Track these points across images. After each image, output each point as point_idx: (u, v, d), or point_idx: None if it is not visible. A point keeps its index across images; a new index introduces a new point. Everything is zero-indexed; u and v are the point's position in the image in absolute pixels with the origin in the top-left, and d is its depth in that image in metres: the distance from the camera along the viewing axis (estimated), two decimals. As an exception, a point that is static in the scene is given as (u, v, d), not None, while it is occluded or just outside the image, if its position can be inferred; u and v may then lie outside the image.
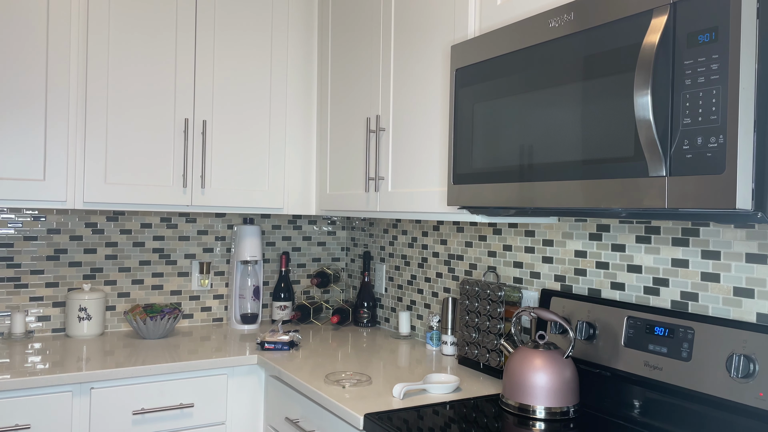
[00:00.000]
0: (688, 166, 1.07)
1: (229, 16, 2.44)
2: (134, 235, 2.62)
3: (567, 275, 1.86)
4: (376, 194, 2.15)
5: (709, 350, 1.39)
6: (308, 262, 3.01)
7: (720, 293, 1.46)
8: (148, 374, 2.02)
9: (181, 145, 2.34)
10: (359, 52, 2.29)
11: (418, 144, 1.96)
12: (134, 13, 2.27)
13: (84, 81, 2.19)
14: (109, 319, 2.56)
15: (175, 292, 2.69)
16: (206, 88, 2.39)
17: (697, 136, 1.06)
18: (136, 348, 2.25)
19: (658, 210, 1.15)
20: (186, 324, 2.72)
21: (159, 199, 2.31)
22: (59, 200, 2.16)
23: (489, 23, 1.66)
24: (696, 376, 1.40)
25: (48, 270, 2.46)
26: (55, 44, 2.14)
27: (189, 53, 2.36)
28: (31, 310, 2.43)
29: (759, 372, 1.29)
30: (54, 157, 2.14)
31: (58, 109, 2.15)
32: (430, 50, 1.91)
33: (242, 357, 2.18)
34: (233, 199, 2.44)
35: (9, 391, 1.84)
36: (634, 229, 1.67)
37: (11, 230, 2.40)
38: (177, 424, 2.07)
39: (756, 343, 1.30)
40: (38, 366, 1.97)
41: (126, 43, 2.26)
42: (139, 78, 2.28)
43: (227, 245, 2.80)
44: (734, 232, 1.44)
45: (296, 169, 2.59)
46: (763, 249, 1.38)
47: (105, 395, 1.97)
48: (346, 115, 2.38)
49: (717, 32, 1.04)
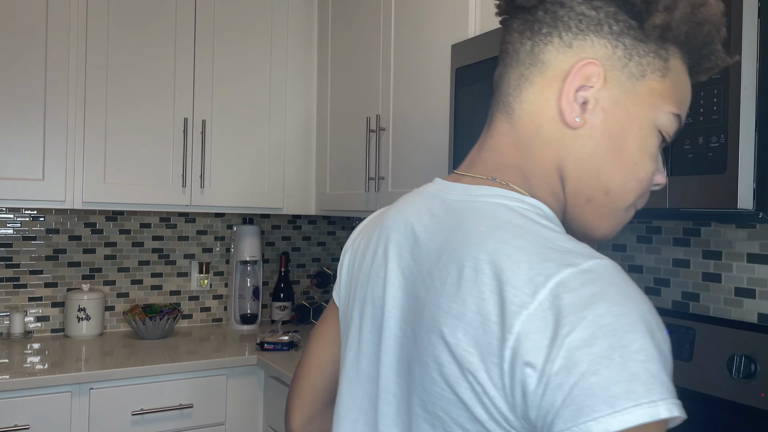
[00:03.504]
0: (689, 165, 1.07)
1: (228, 15, 2.44)
2: (133, 235, 2.61)
3: (567, 275, 1.85)
4: (376, 194, 2.14)
5: (710, 350, 1.38)
6: (308, 262, 3.00)
7: (721, 293, 1.46)
8: (147, 375, 2.01)
9: (180, 145, 2.34)
10: (359, 51, 2.29)
11: (418, 144, 1.95)
12: (133, 12, 2.26)
13: (83, 80, 2.18)
14: (108, 319, 2.56)
15: (174, 293, 2.69)
16: (206, 88, 2.39)
17: (698, 135, 1.05)
18: (136, 348, 2.24)
19: (659, 210, 1.14)
20: (185, 324, 2.71)
21: (158, 199, 2.30)
22: (58, 200, 2.15)
23: (489, 22, 1.66)
24: (697, 377, 1.39)
25: (47, 270, 2.45)
26: (54, 43, 2.13)
27: (188, 52, 2.35)
28: (30, 310, 2.42)
29: (760, 372, 1.28)
30: (53, 157, 2.14)
31: (57, 109, 2.14)
32: (431, 50, 1.90)
33: (242, 357, 2.17)
34: (233, 198, 2.44)
35: (8, 392, 1.84)
36: (635, 229, 1.66)
37: (10, 230, 2.40)
38: (176, 425, 2.07)
39: (757, 343, 1.30)
40: (37, 366, 1.97)
41: (125, 41, 2.25)
42: (138, 77, 2.27)
43: (227, 245, 2.80)
44: (735, 232, 1.43)
45: (296, 168, 2.59)
46: (764, 249, 1.38)
47: (104, 396, 1.96)
48: (346, 115, 2.37)
49: (718, 31, 1.03)
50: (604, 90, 0.63)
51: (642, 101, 0.63)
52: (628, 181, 0.64)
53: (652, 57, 0.63)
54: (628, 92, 0.63)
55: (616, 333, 0.50)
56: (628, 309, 0.52)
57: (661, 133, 0.65)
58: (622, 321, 0.51)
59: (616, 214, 0.66)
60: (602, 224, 0.67)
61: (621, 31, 0.63)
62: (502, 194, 0.64)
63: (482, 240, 0.59)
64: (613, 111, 0.63)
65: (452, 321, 0.58)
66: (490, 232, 0.60)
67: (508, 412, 0.54)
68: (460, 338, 0.57)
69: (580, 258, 0.55)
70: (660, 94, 0.63)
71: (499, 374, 0.54)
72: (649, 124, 0.64)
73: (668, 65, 0.64)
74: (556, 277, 0.54)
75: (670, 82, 0.64)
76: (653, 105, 0.63)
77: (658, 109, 0.63)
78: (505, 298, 0.55)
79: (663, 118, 0.64)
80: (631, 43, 0.63)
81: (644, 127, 0.63)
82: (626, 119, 0.63)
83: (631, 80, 0.63)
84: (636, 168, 0.64)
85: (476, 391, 0.55)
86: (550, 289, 0.54)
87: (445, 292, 0.60)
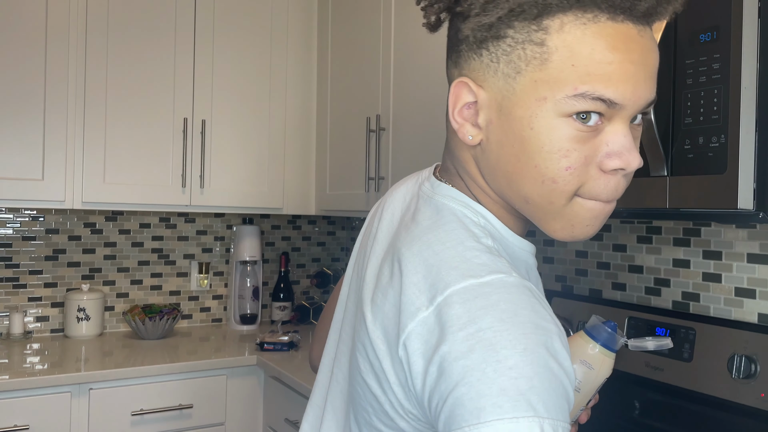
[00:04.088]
0: (689, 165, 1.07)
1: (228, 15, 2.43)
2: (133, 235, 2.61)
3: (568, 276, 1.85)
4: (377, 194, 2.14)
5: (710, 351, 1.38)
6: (308, 262, 3.00)
7: (721, 293, 1.46)
8: (147, 375, 2.01)
9: (180, 145, 2.34)
10: (359, 51, 2.28)
11: (418, 144, 1.95)
12: (133, 12, 2.26)
13: (83, 80, 2.18)
14: (108, 319, 2.56)
15: (174, 293, 2.69)
16: (205, 88, 2.39)
17: (698, 135, 1.05)
18: (135, 349, 2.24)
19: (659, 210, 1.14)
20: (185, 324, 2.71)
21: (158, 199, 2.30)
22: (58, 200, 2.15)
23: (489, 23, 1.66)
24: (697, 377, 1.39)
25: (46, 270, 2.45)
26: (54, 43, 2.13)
27: (188, 52, 2.35)
28: (30, 310, 2.42)
29: (760, 373, 1.28)
30: (52, 157, 2.14)
31: (57, 108, 2.14)
32: (431, 49, 1.90)
33: (241, 357, 2.17)
34: (232, 198, 2.44)
35: (8, 392, 1.84)
36: (635, 229, 1.66)
37: (9, 230, 2.39)
38: (176, 425, 2.07)
39: (757, 343, 1.30)
40: (37, 367, 1.97)
41: (125, 41, 2.25)
42: (137, 77, 2.27)
43: (226, 245, 2.80)
44: (736, 233, 1.43)
45: (296, 168, 2.59)
46: (764, 249, 1.38)
47: (104, 396, 1.96)
48: (346, 115, 2.37)
49: (718, 31, 1.03)
50: (485, 102, 0.61)
51: (526, 100, 0.59)
52: (539, 185, 0.60)
53: (521, 49, 0.58)
54: (509, 95, 0.60)
55: (494, 348, 0.51)
56: (512, 325, 0.52)
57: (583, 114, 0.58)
58: (502, 337, 0.51)
59: (561, 214, 0.62)
60: (555, 226, 0.63)
61: (484, 37, 0.60)
62: (454, 196, 0.67)
63: (414, 240, 0.63)
64: (499, 120, 0.61)
65: (376, 309, 0.63)
66: (423, 233, 0.63)
67: (406, 401, 0.58)
68: (377, 326, 0.61)
69: (485, 271, 0.56)
70: (547, 82, 0.57)
71: (399, 367, 0.58)
72: (544, 120, 0.58)
73: (547, 47, 0.57)
74: (454, 286, 0.56)
75: (559, 61, 0.57)
76: (541, 98, 0.58)
77: (549, 100, 0.57)
78: (408, 299, 0.58)
79: (563, 104, 0.57)
80: (494, 44, 0.60)
81: (536, 126, 0.58)
82: (514, 124, 0.59)
83: (507, 81, 0.59)
84: (539, 170, 0.59)
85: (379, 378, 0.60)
86: (445, 297, 0.56)
87: (383, 278, 0.64)
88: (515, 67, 0.59)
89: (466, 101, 0.62)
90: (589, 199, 0.61)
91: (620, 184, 0.61)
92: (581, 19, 0.57)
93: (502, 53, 0.59)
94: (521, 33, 0.58)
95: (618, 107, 0.58)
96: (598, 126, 0.58)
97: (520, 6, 0.57)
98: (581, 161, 0.58)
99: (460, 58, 0.64)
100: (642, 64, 0.58)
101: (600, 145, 0.59)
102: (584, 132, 0.58)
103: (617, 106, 0.57)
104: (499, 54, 0.60)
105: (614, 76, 0.56)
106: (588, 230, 0.63)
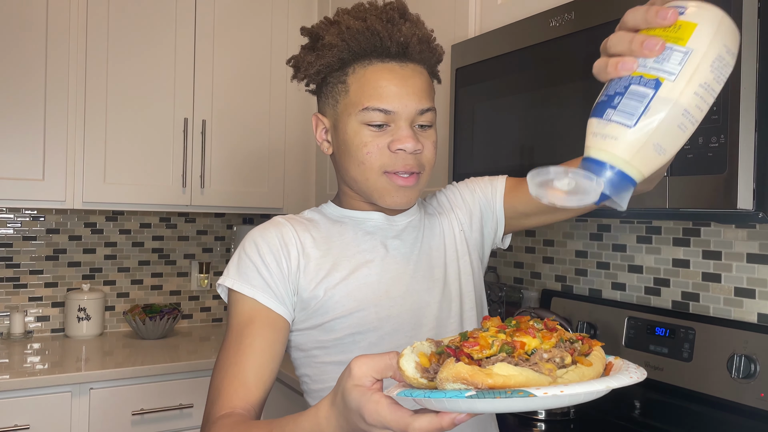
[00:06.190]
0: (689, 165, 1.07)
1: (228, 15, 2.43)
2: (133, 235, 2.61)
3: (568, 275, 1.85)
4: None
5: (710, 351, 1.38)
6: (308, 262, 2.99)
7: (721, 293, 1.46)
8: (147, 375, 2.01)
9: (180, 145, 2.34)
10: (359, 51, 2.28)
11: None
12: (133, 12, 2.26)
13: (83, 80, 2.18)
14: (108, 319, 2.56)
15: (174, 293, 2.69)
16: (206, 88, 2.39)
17: (698, 135, 1.05)
18: (136, 348, 2.24)
19: (659, 210, 1.14)
20: (185, 324, 2.71)
21: (158, 199, 2.30)
22: (58, 200, 2.15)
23: (489, 22, 1.66)
24: (697, 377, 1.39)
25: (47, 270, 2.45)
26: (54, 43, 2.13)
27: (188, 52, 2.35)
28: (30, 310, 2.42)
29: (760, 372, 1.28)
30: (53, 157, 2.14)
31: (58, 109, 2.14)
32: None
33: (242, 357, 2.17)
34: (233, 199, 2.44)
35: (8, 392, 1.84)
36: (635, 229, 1.66)
37: (10, 230, 2.40)
38: (176, 425, 2.07)
39: (757, 343, 1.30)
40: (37, 366, 1.97)
41: (125, 41, 2.25)
42: (138, 77, 2.27)
43: (227, 245, 2.80)
44: (735, 232, 1.43)
45: (296, 168, 2.59)
46: (764, 249, 1.38)
47: (104, 396, 1.96)
48: (346, 115, 2.37)
49: (718, 31, 1.03)
50: (327, 125, 0.99)
51: (344, 117, 0.95)
52: (357, 167, 0.94)
53: (332, 87, 0.97)
54: (337, 116, 0.96)
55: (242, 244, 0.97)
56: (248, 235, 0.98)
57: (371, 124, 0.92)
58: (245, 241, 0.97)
59: (377, 188, 0.95)
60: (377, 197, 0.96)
61: (318, 86, 1.00)
62: None
63: None
64: (335, 134, 0.98)
65: None
66: None
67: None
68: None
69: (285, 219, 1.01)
70: (351, 104, 0.93)
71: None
72: (351, 127, 0.93)
73: (348, 84, 0.94)
74: None
75: (355, 90, 0.93)
76: (350, 114, 0.94)
77: (353, 115, 0.93)
78: None
79: (361, 116, 0.92)
80: (322, 86, 0.99)
81: (350, 132, 0.94)
82: (340, 134, 0.96)
83: (334, 107, 0.97)
84: (354, 157, 0.94)
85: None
86: None
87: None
88: (335, 99, 0.96)
89: (321, 127, 1.00)
90: (392, 173, 0.93)
91: (407, 159, 0.92)
92: (363, 63, 0.94)
93: (329, 92, 0.98)
94: (334, 79, 0.96)
95: (393, 114, 0.92)
96: (386, 129, 0.93)
97: (328, 66, 0.95)
98: (377, 148, 0.92)
99: (317, 100, 1.03)
100: (404, 86, 0.92)
101: (388, 137, 0.93)
102: (375, 131, 0.93)
103: (392, 113, 0.92)
104: (327, 93, 0.98)
105: (384, 94, 0.92)
106: (397, 199, 0.95)
